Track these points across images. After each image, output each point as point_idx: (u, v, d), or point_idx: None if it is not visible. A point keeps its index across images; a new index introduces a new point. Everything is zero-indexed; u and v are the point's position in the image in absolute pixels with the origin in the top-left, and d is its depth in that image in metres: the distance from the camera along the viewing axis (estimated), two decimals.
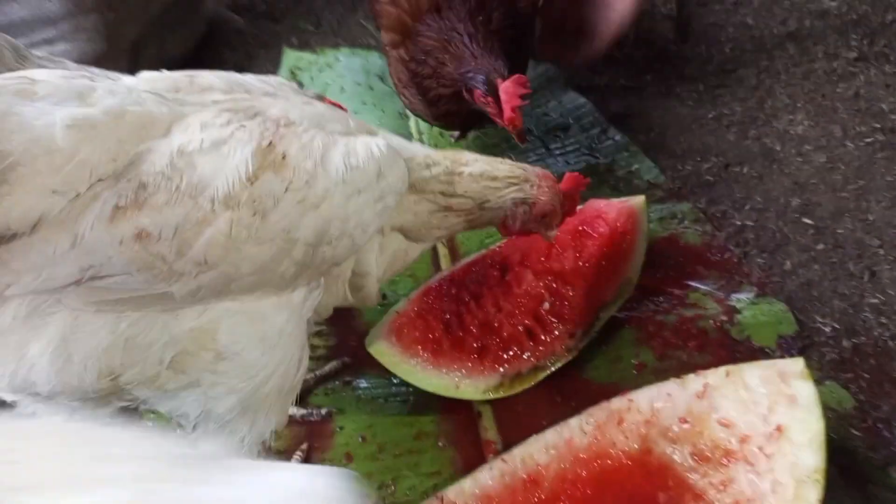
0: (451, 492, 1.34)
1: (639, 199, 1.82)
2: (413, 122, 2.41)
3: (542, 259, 1.72)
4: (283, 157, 1.14)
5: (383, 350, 1.64)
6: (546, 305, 1.66)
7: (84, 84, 1.06)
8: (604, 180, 2.14)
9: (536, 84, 2.50)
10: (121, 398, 1.16)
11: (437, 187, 1.42)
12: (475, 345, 1.63)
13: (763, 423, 1.32)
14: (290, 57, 2.75)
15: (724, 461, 1.34)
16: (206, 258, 1.08)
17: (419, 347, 1.64)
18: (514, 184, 1.47)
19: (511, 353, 1.63)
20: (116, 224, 1.04)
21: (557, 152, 2.27)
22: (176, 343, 1.12)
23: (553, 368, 1.63)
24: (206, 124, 1.13)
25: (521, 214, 1.50)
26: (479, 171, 1.45)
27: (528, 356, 1.63)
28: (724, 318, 1.73)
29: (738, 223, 2.01)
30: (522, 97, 1.69)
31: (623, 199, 1.83)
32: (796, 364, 1.29)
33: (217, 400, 1.19)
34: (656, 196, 2.09)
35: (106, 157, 1.03)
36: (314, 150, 1.18)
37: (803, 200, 2.05)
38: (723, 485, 1.33)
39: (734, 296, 1.78)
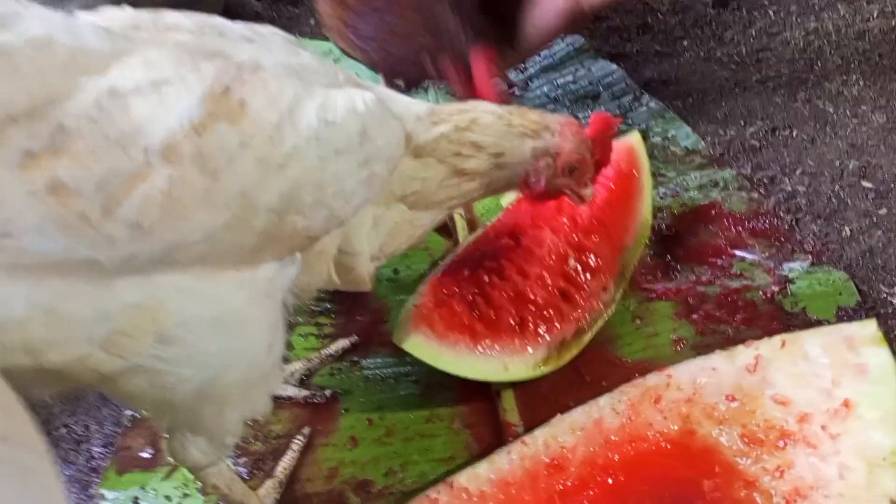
0: (462, 477, 1.18)
1: (634, 135, 1.67)
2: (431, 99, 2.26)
3: (557, 213, 1.57)
4: (242, 107, 0.95)
5: (420, 344, 1.44)
6: (571, 262, 1.49)
7: (9, 9, 0.92)
8: None
9: (564, 53, 2.36)
10: (60, 381, 1.01)
11: (447, 148, 1.24)
12: (511, 321, 1.47)
13: (826, 398, 1.14)
14: (307, 45, 2.63)
15: (780, 444, 1.17)
16: (140, 221, 0.90)
17: (457, 334, 1.46)
18: (532, 133, 1.30)
19: (550, 319, 1.47)
20: (27, 172, 0.87)
21: (587, 120, 2.09)
22: (108, 320, 0.94)
23: (597, 327, 1.48)
24: (152, 63, 0.96)
25: (545, 168, 1.32)
26: (489, 121, 1.27)
27: (569, 319, 1.48)
28: (776, 288, 1.54)
29: (789, 189, 1.82)
30: (494, 71, 1.56)
31: (619, 138, 1.68)
32: (866, 327, 1.11)
33: (168, 389, 1.01)
34: (695, 163, 1.91)
35: (22, 94, 0.87)
36: (282, 101, 0.99)
37: (861, 163, 1.85)
38: (779, 471, 1.15)
39: (786, 265, 1.59)
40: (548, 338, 1.46)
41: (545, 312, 1.49)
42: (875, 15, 2.41)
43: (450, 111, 1.28)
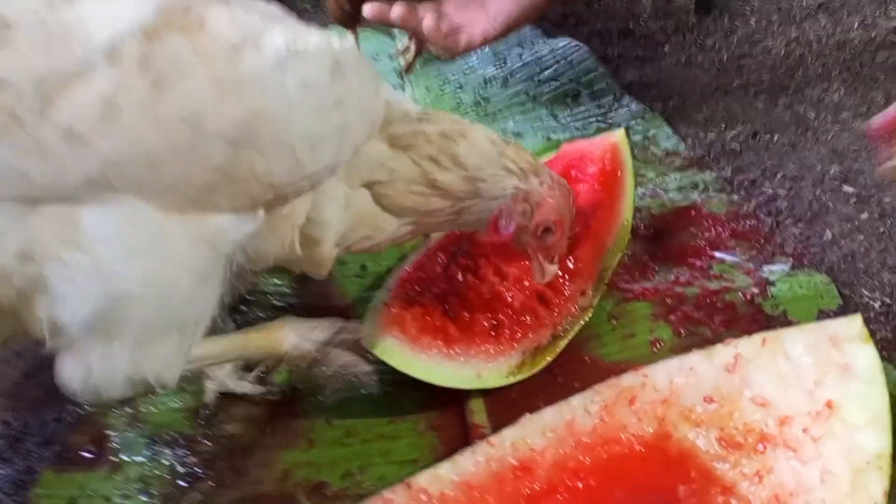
0: (422, 478, 1.10)
1: (619, 133, 1.61)
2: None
3: None
4: (201, 23, 0.90)
5: (391, 349, 1.35)
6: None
7: None
8: None
9: (548, 53, 2.31)
10: None
11: (424, 149, 1.16)
12: (486, 324, 1.40)
13: (809, 399, 1.08)
14: None
15: (760, 447, 1.10)
16: (75, 126, 0.83)
17: (429, 338, 1.38)
18: (520, 171, 1.22)
19: (526, 324, 1.40)
20: None
21: (566, 120, 2.05)
22: (30, 236, 0.87)
23: (573, 332, 1.41)
24: None
25: (520, 215, 1.25)
26: (480, 140, 1.20)
27: (545, 324, 1.41)
28: (756, 290, 1.49)
29: (770, 192, 1.77)
30: None
31: (602, 135, 1.62)
32: (851, 324, 1.05)
33: (63, 303, 0.91)
34: (675, 164, 1.86)
35: None
36: (247, 25, 0.93)
37: (843, 168, 1.81)
38: (758, 476, 1.08)
39: (767, 267, 1.54)
40: (523, 343, 1.39)
41: (522, 317, 1.42)
42: (855, 26, 2.39)
43: (443, 117, 1.20)
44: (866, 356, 1.03)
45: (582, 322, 1.44)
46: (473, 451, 1.15)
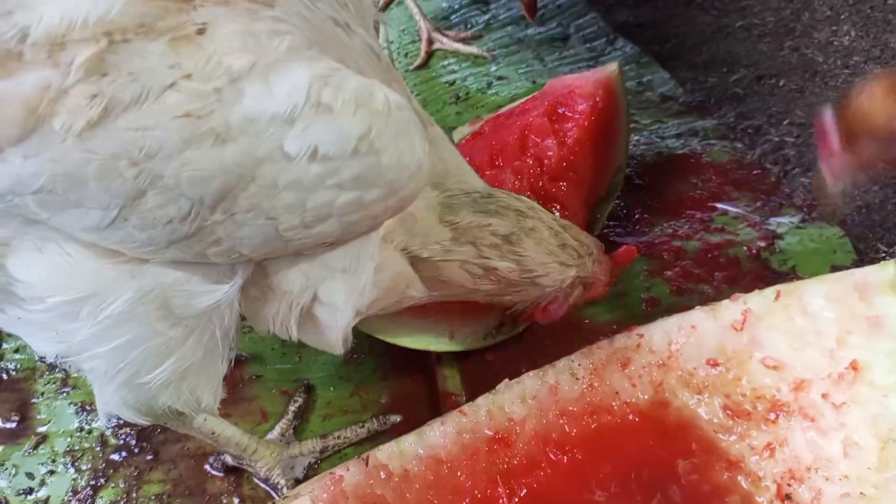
0: (382, 453, 0.95)
1: (612, 67, 1.43)
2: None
3: (519, 154, 1.33)
4: (200, 32, 0.67)
5: None
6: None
7: None
8: None
9: None
10: None
11: (490, 239, 1.00)
12: None
13: (829, 360, 0.93)
14: None
15: (771, 416, 0.96)
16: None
17: None
18: (578, 257, 1.08)
19: None
20: None
21: (553, 64, 1.88)
22: None
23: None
24: None
25: (573, 297, 1.12)
26: (545, 233, 1.05)
27: None
28: (762, 244, 1.34)
29: (776, 140, 1.62)
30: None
31: (594, 69, 1.45)
32: (882, 272, 0.90)
33: (32, 342, 0.82)
34: (672, 110, 1.70)
35: None
36: (264, 49, 0.68)
37: None
38: (769, 449, 0.95)
39: (774, 219, 1.39)
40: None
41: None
42: None
43: (507, 202, 1.03)
44: None
45: None
46: (443, 421, 1.00)
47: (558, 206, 1.31)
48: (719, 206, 1.44)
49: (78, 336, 0.77)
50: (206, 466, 1.12)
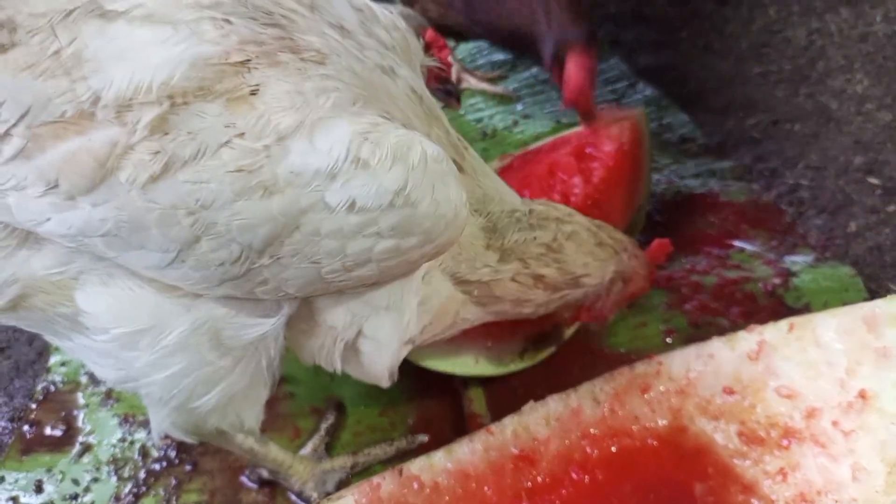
0: (415, 465, 1.00)
1: (638, 111, 1.51)
2: None
3: (547, 189, 1.40)
4: (253, 93, 0.72)
5: None
6: None
7: None
8: None
9: None
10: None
11: (534, 250, 1.06)
12: None
13: (840, 389, 0.98)
14: None
15: (784, 443, 1.01)
16: (60, 181, 0.71)
17: None
18: (615, 253, 1.15)
19: None
20: None
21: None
22: (22, 286, 0.80)
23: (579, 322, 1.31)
24: None
25: (615, 294, 1.19)
26: (584, 235, 1.11)
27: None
28: (777, 281, 1.40)
29: (791, 182, 1.68)
30: (589, 79, 1.41)
31: (621, 111, 1.52)
32: (889, 304, 0.95)
33: (93, 368, 0.89)
34: (691, 151, 1.77)
35: None
36: (311, 107, 0.74)
37: (868, 159, 1.72)
38: (782, 473, 0.99)
39: (788, 258, 1.45)
40: (526, 330, 1.30)
41: None
42: (878, 19, 2.30)
43: (547, 214, 1.09)
44: None
45: None
46: (471, 439, 1.05)
47: None
48: (736, 243, 1.50)
49: (137, 364, 0.83)
50: (242, 479, 1.17)
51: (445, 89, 1.38)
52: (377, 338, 0.94)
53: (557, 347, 1.30)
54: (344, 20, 0.87)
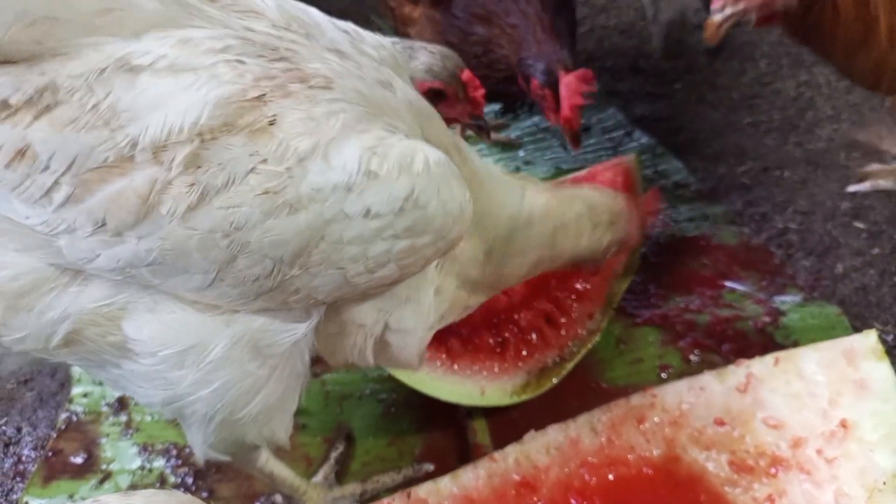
0: (422, 489, 1.06)
1: (630, 158, 1.61)
2: None
3: None
4: (271, 123, 0.81)
5: None
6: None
7: None
8: None
9: None
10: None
11: (533, 243, 1.16)
12: (491, 340, 1.38)
13: (822, 419, 1.04)
14: None
15: (772, 471, 1.07)
16: (108, 219, 0.79)
17: (433, 351, 1.35)
18: (609, 225, 1.25)
19: (532, 343, 1.39)
20: None
21: (577, 151, 2.05)
22: (73, 321, 0.85)
23: (580, 356, 1.39)
24: (189, 41, 0.82)
25: (611, 253, 1.31)
26: (578, 224, 1.21)
27: (551, 345, 1.39)
28: (767, 319, 1.46)
29: (780, 226, 1.76)
30: (585, 95, 1.49)
31: (614, 159, 1.61)
32: (867, 339, 1.02)
33: (136, 394, 0.94)
34: (685, 196, 1.85)
35: (25, 32, 0.77)
36: (323, 129, 0.83)
37: (854, 205, 1.80)
38: (770, 500, 1.05)
39: (778, 298, 1.52)
40: (528, 363, 1.37)
41: (527, 336, 1.40)
42: None
43: (546, 212, 1.17)
44: (882, 372, 1.00)
45: (589, 346, 1.41)
46: (475, 465, 1.11)
47: (580, 278, 1.45)
48: (728, 284, 1.57)
49: (183, 383, 0.89)
50: None
51: (478, 125, 1.49)
52: (403, 328, 1.02)
53: (559, 380, 1.36)
54: (338, 43, 0.97)
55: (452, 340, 1.37)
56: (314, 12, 0.99)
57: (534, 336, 1.38)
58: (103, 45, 0.80)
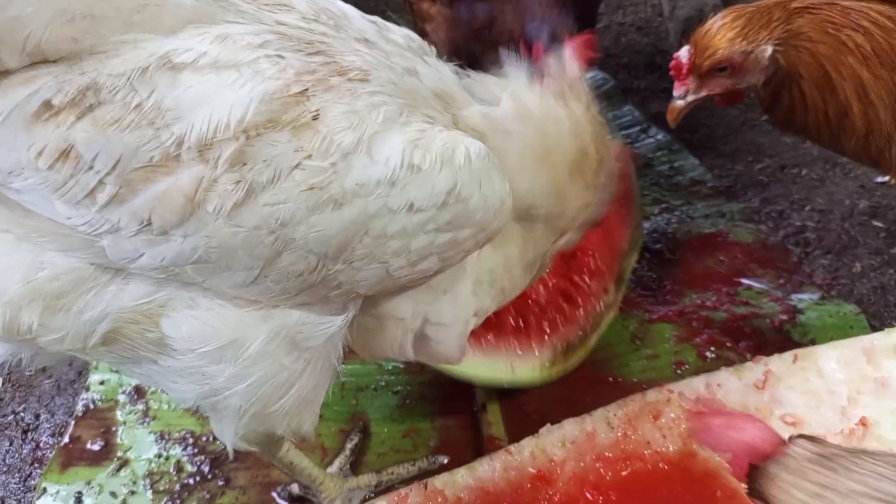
0: (438, 480, 1.06)
1: (620, 143, 1.63)
2: None
3: None
4: (315, 118, 0.80)
5: None
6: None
7: None
8: (642, 175, 1.90)
9: None
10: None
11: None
12: (513, 321, 1.39)
13: (841, 417, 1.04)
14: None
15: None
16: (153, 218, 0.79)
17: None
18: (605, 187, 1.18)
19: (553, 320, 1.40)
20: (40, 125, 0.76)
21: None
22: (112, 320, 0.85)
23: (601, 330, 1.41)
24: (227, 38, 0.82)
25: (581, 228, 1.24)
26: (579, 194, 1.13)
27: (572, 320, 1.41)
28: (784, 317, 1.46)
29: (798, 224, 1.75)
30: (590, 61, 1.49)
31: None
32: (887, 337, 1.02)
33: (171, 390, 0.94)
34: (701, 193, 1.85)
35: (63, 30, 0.76)
36: (366, 123, 0.82)
37: (872, 203, 1.79)
38: None
39: (795, 296, 1.51)
40: (553, 340, 1.38)
41: (548, 315, 1.41)
42: None
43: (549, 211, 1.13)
44: None
45: (608, 320, 1.43)
46: (491, 458, 1.11)
47: (591, 254, 1.47)
48: (744, 281, 1.56)
49: (220, 378, 0.89)
50: (273, 494, 1.23)
51: None
52: (442, 322, 1.02)
53: (587, 355, 1.38)
54: (365, 32, 0.96)
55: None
56: (340, 2, 0.98)
57: (555, 315, 1.39)
58: (142, 42, 0.79)
